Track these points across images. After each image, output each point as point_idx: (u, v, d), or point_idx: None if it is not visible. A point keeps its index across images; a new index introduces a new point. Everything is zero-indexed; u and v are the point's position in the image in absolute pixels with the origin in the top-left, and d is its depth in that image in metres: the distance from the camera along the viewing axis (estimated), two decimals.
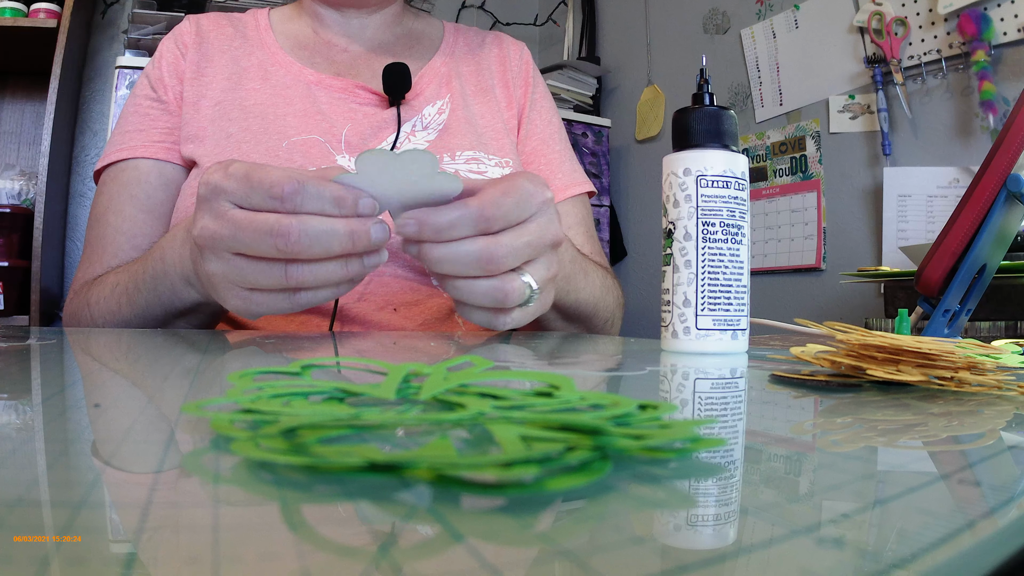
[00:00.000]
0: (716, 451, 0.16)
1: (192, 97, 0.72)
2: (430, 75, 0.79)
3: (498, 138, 0.78)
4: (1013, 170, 0.51)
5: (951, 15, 1.41)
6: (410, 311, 0.67)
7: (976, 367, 0.28)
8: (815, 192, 1.70)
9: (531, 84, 0.85)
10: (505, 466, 0.12)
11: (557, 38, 2.56)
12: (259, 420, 0.16)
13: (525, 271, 0.49)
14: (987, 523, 0.12)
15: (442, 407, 0.19)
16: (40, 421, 0.18)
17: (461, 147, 0.74)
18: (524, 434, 0.14)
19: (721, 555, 0.10)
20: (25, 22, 1.75)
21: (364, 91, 0.74)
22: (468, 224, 0.45)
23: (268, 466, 0.13)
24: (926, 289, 0.53)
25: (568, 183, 0.81)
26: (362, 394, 0.20)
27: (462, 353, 0.42)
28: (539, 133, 0.83)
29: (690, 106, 0.43)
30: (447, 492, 0.12)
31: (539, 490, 0.12)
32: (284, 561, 0.09)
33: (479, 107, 0.80)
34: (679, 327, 0.41)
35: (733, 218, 0.40)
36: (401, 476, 0.13)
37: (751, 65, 1.86)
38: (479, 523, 0.11)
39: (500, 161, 0.75)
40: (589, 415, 0.16)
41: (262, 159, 0.66)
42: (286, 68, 0.75)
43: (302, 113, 0.71)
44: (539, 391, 0.20)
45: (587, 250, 0.79)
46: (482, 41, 0.87)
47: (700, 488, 0.13)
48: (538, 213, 0.49)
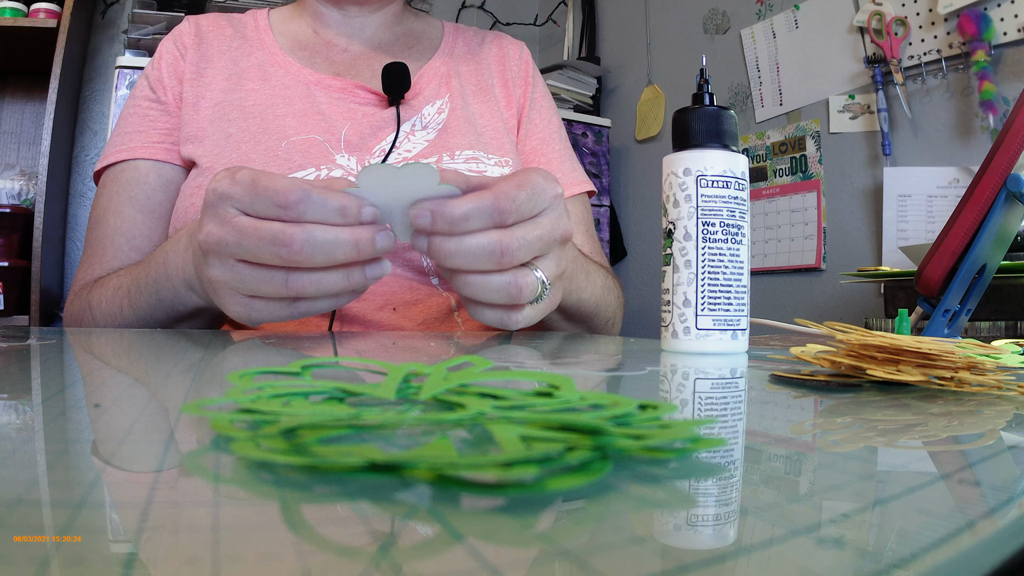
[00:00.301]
0: (716, 451, 0.16)
1: (191, 98, 0.72)
2: (429, 75, 0.79)
3: (498, 137, 0.78)
4: (1013, 170, 0.51)
5: (951, 15, 1.41)
6: (409, 311, 0.67)
7: (976, 367, 0.28)
8: (815, 192, 1.70)
9: (531, 83, 0.85)
10: (505, 466, 0.12)
11: (557, 38, 2.56)
12: (259, 420, 0.16)
13: (536, 266, 0.48)
14: (987, 523, 0.12)
15: (442, 407, 0.19)
16: (40, 421, 0.18)
17: (460, 146, 0.74)
18: (524, 434, 0.14)
19: (721, 555, 0.10)
20: (25, 22, 1.75)
21: (363, 91, 0.74)
22: (482, 216, 0.44)
23: (268, 466, 0.13)
24: (926, 289, 0.53)
25: (568, 182, 0.81)
26: (362, 394, 0.20)
27: (462, 353, 0.42)
28: (539, 132, 0.83)
29: (690, 106, 0.43)
30: (447, 492, 0.12)
31: (539, 490, 0.12)
32: (285, 561, 0.09)
33: (479, 106, 0.80)
34: (679, 327, 0.41)
35: (733, 218, 0.40)
36: (401, 476, 0.13)
37: (751, 65, 1.86)
38: (479, 523, 0.11)
39: (500, 160, 0.75)
40: (589, 415, 0.16)
41: (261, 159, 0.66)
42: (285, 68, 0.75)
43: (301, 113, 0.71)
44: (539, 391, 0.20)
45: (587, 250, 0.79)
46: (481, 41, 0.87)
47: (700, 488, 0.13)
48: (549, 208, 0.48)
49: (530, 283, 0.47)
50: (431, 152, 0.72)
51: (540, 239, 0.47)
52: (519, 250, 0.46)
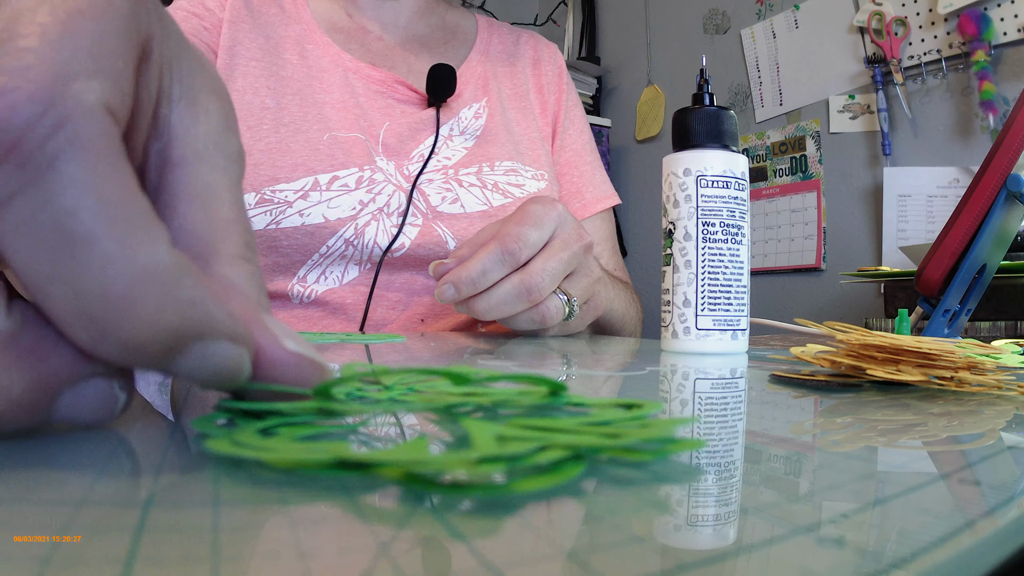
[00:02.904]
0: (703, 452, 0.16)
1: (227, 41, 0.69)
2: (468, 75, 0.78)
3: (534, 148, 0.77)
4: (1013, 170, 0.51)
5: (951, 15, 1.41)
6: (437, 322, 0.68)
7: (976, 367, 0.28)
8: (815, 192, 1.70)
9: (565, 91, 0.84)
10: (475, 463, 0.12)
11: (557, 38, 2.55)
12: (239, 417, 0.16)
13: (561, 288, 0.51)
14: (987, 523, 0.12)
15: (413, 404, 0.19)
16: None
17: (500, 156, 0.73)
18: (501, 434, 0.14)
19: (721, 555, 0.10)
20: None
21: (403, 87, 0.72)
22: (497, 265, 0.47)
23: (263, 465, 0.13)
24: (926, 289, 0.53)
25: (599, 196, 0.81)
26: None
27: (463, 355, 0.42)
28: (572, 144, 0.82)
29: (690, 106, 0.43)
30: (414, 491, 0.12)
31: (508, 492, 0.12)
32: (283, 562, 0.09)
33: (515, 113, 0.78)
34: (679, 327, 0.41)
35: (733, 218, 0.40)
36: (372, 474, 0.12)
37: (751, 65, 1.86)
38: (470, 522, 0.11)
39: (536, 174, 0.75)
40: (570, 419, 0.16)
41: (302, 151, 0.64)
42: (323, 48, 0.72)
43: (340, 104, 0.69)
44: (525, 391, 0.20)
45: (611, 266, 0.79)
46: (516, 40, 0.86)
47: (699, 487, 0.13)
48: (557, 228, 0.50)
49: (553, 308, 0.50)
50: (471, 161, 0.71)
51: (560, 261, 0.49)
52: (543, 282, 0.48)
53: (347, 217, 0.64)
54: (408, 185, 0.67)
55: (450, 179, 0.70)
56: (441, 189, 0.68)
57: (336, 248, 0.64)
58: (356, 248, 0.65)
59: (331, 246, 0.64)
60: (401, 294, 0.67)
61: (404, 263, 0.66)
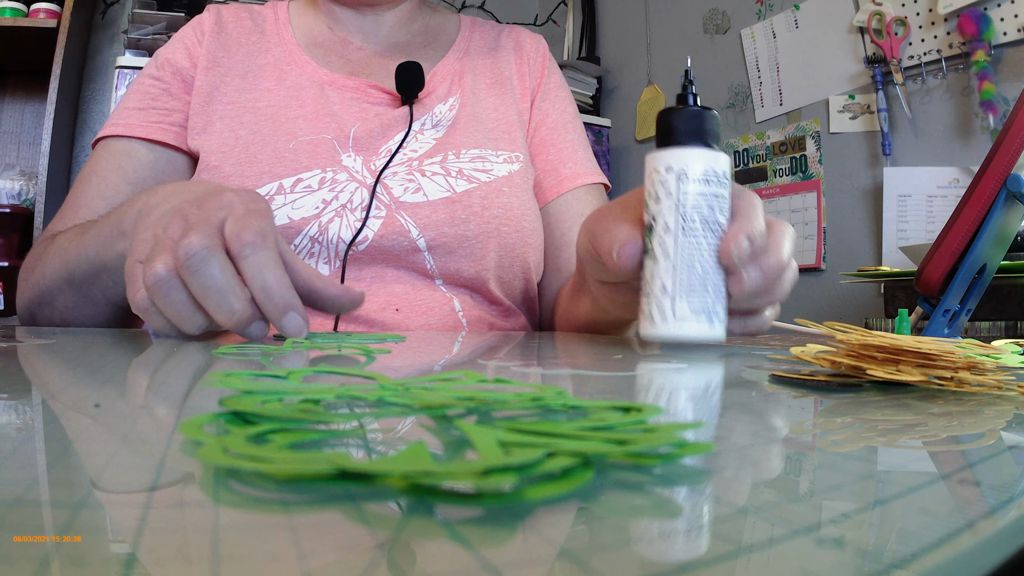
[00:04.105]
0: (709, 454, 0.16)
1: (205, 87, 0.72)
2: (443, 72, 0.78)
3: (510, 131, 0.77)
4: (1013, 170, 0.51)
5: (951, 15, 1.41)
6: (412, 311, 0.68)
7: (976, 367, 0.28)
8: (815, 192, 1.70)
9: (546, 73, 0.85)
10: (482, 474, 0.11)
11: (557, 38, 2.56)
12: (229, 423, 0.16)
13: None
14: (987, 523, 0.12)
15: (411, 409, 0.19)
16: (40, 421, 0.18)
17: (466, 145, 0.74)
18: (503, 439, 0.14)
19: (721, 555, 0.10)
20: (25, 22, 1.75)
21: (376, 90, 0.74)
22: (761, 238, 0.41)
23: (261, 475, 0.13)
24: (926, 289, 0.53)
25: (579, 171, 0.80)
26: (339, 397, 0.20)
27: (464, 355, 0.42)
28: (550, 122, 0.82)
29: (673, 106, 0.43)
30: (421, 502, 0.12)
31: (518, 500, 0.12)
32: (286, 562, 0.09)
33: (492, 100, 0.79)
34: (656, 314, 0.41)
35: (712, 214, 0.41)
36: (374, 484, 0.12)
37: (751, 65, 1.86)
38: (471, 526, 0.11)
39: (509, 156, 0.75)
40: (570, 424, 0.16)
41: (268, 160, 0.67)
42: (301, 68, 0.74)
43: (313, 115, 0.70)
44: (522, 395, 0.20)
45: None
46: (498, 34, 0.87)
47: (698, 488, 0.13)
48: (752, 205, 0.43)
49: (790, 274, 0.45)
50: (437, 151, 0.72)
51: (781, 234, 0.43)
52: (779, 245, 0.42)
53: (311, 216, 0.65)
54: (372, 180, 0.68)
55: (414, 170, 0.70)
56: (404, 180, 0.69)
57: (303, 246, 0.65)
58: (322, 244, 0.65)
59: (298, 245, 0.65)
60: (373, 286, 0.67)
61: (370, 256, 0.67)
